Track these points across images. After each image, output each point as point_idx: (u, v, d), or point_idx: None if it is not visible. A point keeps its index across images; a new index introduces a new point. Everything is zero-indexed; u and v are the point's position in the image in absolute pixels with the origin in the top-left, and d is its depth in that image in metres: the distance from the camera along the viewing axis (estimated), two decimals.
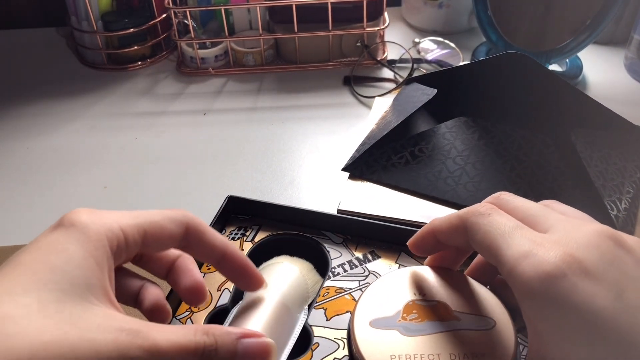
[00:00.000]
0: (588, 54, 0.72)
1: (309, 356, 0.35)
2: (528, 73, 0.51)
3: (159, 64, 0.78)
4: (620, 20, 0.76)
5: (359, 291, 0.39)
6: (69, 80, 0.75)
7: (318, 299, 0.38)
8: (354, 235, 0.43)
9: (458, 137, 0.52)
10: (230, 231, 0.45)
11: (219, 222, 0.45)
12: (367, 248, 0.42)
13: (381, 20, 0.73)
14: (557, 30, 0.66)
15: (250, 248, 0.43)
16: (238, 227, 0.45)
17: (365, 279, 0.40)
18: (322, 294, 0.39)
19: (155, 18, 0.76)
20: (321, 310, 0.38)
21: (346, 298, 0.39)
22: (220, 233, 0.41)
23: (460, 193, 0.49)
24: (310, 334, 0.36)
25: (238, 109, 0.68)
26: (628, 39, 0.71)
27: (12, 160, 0.62)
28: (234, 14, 0.75)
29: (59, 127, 0.67)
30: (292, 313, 0.36)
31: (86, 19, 0.73)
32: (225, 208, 0.45)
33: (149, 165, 0.60)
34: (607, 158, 0.50)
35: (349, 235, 0.43)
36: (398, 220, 0.47)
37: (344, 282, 0.40)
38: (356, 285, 0.39)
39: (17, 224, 0.53)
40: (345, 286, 0.39)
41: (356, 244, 0.43)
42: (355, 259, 0.42)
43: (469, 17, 0.79)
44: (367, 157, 0.53)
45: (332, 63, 0.74)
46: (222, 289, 0.39)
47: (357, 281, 0.40)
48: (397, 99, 0.59)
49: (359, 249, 0.42)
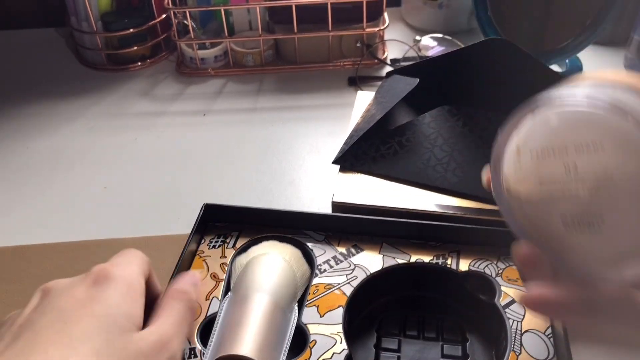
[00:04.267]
0: (588, 55, 0.72)
1: (307, 354, 0.35)
2: (509, 58, 0.51)
3: (158, 65, 0.78)
4: (620, 20, 0.75)
5: (348, 285, 0.39)
6: (69, 81, 0.75)
7: (309, 297, 0.39)
8: (335, 231, 0.44)
9: (443, 125, 0.53)
10: (210, 240, 0.44)
11: (197, 232, 0.43)
12: (349, 242, 0.43)
13: (381, 21, 0.73)
14: (556, 31, 0.66)
15: (233, 255, 0.42)
16: (217, 235, 0.44)
17: (352, 272, 0.40)
18: (312, 292, 0.39)
19: (155, 18, 0.76)
20: (313, 307, 0.38)
21: (336, 293, 0.39)
22: (200, 243, 0.44)
23: (450, 179, 0.49)
24: (306, 332, 0.36)
25: (238, 110, 0.68)
26: (628, 39, 0.71)
27: (12, 160, 0.62)
28: (233, 15, 0.75)
29: (59, 127, 0.67)
30: (285, 311, 0.36)
31: (86, 20, 0.73)
32: (203, 217, 0.44)
33: (149, 166, 0.60)
34: None
35: (330, 232, 0.44)
36: (391, 208, 0.47)
37: (332, 278, 0.40)
38: (344, 280, 0.40)
39: (17, 224, 0.53)
40: (334, 282, 0.40)
41: (338, 239, 0.43)
42: (339, 254, 0.42)
43: (469, 17, 0.79)
44: (355, 150, 0.53)
45: (332, 63, 0.74)
46: (211, 298, 0.39)
47: (344, 275, 0.40)
48: (379, 91, 0.59)
49: (341, 244, 0.43)
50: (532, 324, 0.36)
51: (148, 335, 0.27)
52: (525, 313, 0.37)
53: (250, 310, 0.35)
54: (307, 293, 0.39)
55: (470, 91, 0.53)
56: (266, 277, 0.37)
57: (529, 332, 0.36)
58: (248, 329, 0.33)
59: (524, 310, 0.37)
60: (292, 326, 0.36)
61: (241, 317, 0.34)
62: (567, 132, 0.24)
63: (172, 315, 0.29)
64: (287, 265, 0.39)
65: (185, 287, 0.31)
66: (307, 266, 0.41)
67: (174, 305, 0.30)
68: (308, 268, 0.41)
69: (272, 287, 0.36)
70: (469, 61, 0.54)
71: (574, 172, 0.24)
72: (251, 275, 0.38)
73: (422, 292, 0.42)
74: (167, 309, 0.30)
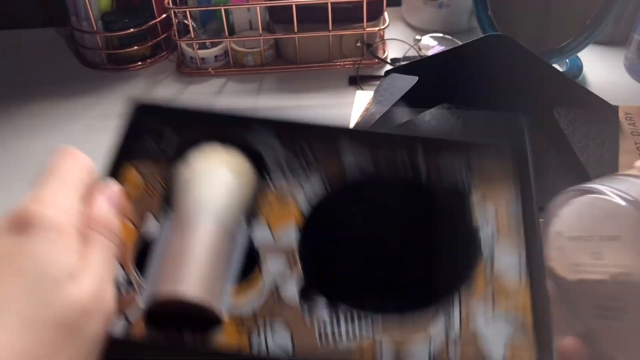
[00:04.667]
0: (588, 54, 0.71)
1: (257, 276, 0.31)
2: (509, 54, 0.52)
3: (159, 64, 0.78)
4: (620, 20, 0.75)
5: (302, 194, 0.34)
6: (69, 80, 0.75)
7: (258, 210, 0.33)
8: (284, 126, 0.37)
9: (443, 124, 0.53)
10: (144, 146, 0.36)
11: (130, 137, 0.37)
12: (304, 142, 0.36)
13: (381, 20, 0.73)
14: (557, 31, 0.66)
15: (171, 164, 0.35)
16: (152, 139, 0.37)
17: (307, 177, 0.35)
18: (261, 204, 0.33)
19: (155, 18, 0.76)
20: (264, 223, 0.33)
21: (289, 206, 0.33)
22: (132, 151, 0.36)
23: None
24: (256, 252, 0.32)
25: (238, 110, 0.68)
26: (628, 39, 0.71)
27: (12, 160, 0.62)
28: (234, 14, 0.75)
29: (59, 127, 0.66)
30: (233, 234, 0.31)
31: (86, 19, 0.73)
32: (135, 119, 0.37)
33: None
34: (587, 134, 0.51)
35: (279, 128, 0.37)
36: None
37: (284, 185, 0.34)
38: (298, 187, 0.34)
39: None
40: (286, 190, 0.34)
41: (292, 137, 0.36)
42: (293, 156, 0.36)
43: (469, 17, 0.79)
44: None
45: (333, 63, 0.74)
46: (147, 216, 0.33)
47: (297, 180, 0.35)
48: (378, 90, 0.59)
49: (296, 145, 0.36)
50: (506, 240, 0.32)
51: (85, 281, 0.24)
52: (498, 228, 0.32)
53: (196, 239, 0.29)
54: (256, 205, 0.33)
55: (471, 88, 0.53)
56: (211, 198, 0.32)
57: (501, 245, 0.32)
58: (193, 262, 0.28)
59: (496, 225, 0.33)
60: (241, 248, 0.31)
61: (185, 246, 0.29)
62: (596, 223, 0.26)
63: (101, 252, 0.26)
64: (233, 179, 0.33)
65: (106, 216, 0.27)
66: (255, 174, 0.35)
67: (99, 239, 0.26)
68: (256, 176, 0.35)
69: (219, 209, 0.31)
70: (468, 58, 0.54)
71: (600, 260, 0.26)
72: (194, 195, 0.32)
73: (386, 207, 0.37)
74: (94, 244, 0.26)
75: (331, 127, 0.36)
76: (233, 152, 0.35)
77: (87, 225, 0.26)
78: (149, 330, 0.28)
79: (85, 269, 0.24)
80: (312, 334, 0.28)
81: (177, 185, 0.33)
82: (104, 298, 0.25)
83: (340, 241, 0.36)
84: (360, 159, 0.36)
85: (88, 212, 0.27)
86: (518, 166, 0.34)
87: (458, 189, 0.34)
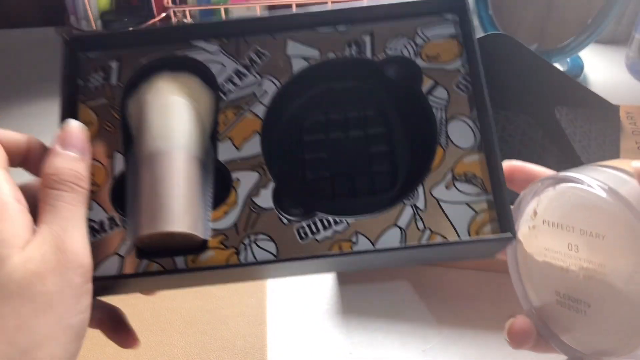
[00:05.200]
0: (589, 53, 0.71)
1: (233, 197, 0.31)
2: (510, 54, 0.51)
3: None
4: (622, 19, 0.75)
5: (259, 104, 0.33)
6: None
7: (219, 129, 0.33)
8: (230, 37, 0.35)
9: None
10: (87, 79, 0.35)
11: (74, 75, 0.35)
12: (248, 48, 0.35)
13: None
14: (558, 30, 0.66)
15: (122, 95, 0.34)
16: (94, 70, 0.35)
17: (260, 86, 0.34)
18: (221, 122, 0.33)
19: (154, 17, 0.75)
20: (227, 141, 0.33)
21: (248, 117, 0.33)
22: (74, 83, 0.34)
23: None
24: (226, 173, 0.32)
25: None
26: (629, 38, 0.70)
27: None
28: (233, 13, 0.75)
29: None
30: (202, 161, 0.31)
31: (85, 18, 0.73)
32: (73, 56, 0.35)
33: None
34: (588, 134, 0.51)
35: (224, 39, 0.35)
36: None
37: (240, 99, 0.33)
38: (253, 99, 0.33)
39: None
40: (243, 104, 0.33)
41: (235, 47, 0.35)
42: (241, 66, 0.34)
43: None
44: None
45: None
46: (113, 155, 0.32)
47: (252, 92, 0.34)
48: None
49: (240, 53, 0.34)
50: (457, 110, 0.32)
51: (35, 249, 0.24)
52: (450, 98, 0.33)
53: (172, 174, 0.30)
54: (216, 126, 0.33)
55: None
56: (172, 128, 0.31)
57: (454, 120, 0.32)
58: (172, 197, 0.29)
59: (447, 95, 0.33)
60: (212, 172, 0.32)
61: (161, 181, 0.29)
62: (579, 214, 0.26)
63: (59, 209, 0.25)
64: (189, 103, 0.32)
65: (61, 169, 0.27)
66: (210, 94, 0.34)
67: (57, 196, 0.26)
68: (211, 96, 0.34)
69: (187, 141, 0.31)
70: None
71: (574, 252, 0.26)
72: (154, 128, 0.31)
73: (341, 87, 0.36)
74: (51, 202, 0.25)
75: (268, 18, 0.35)
76: (185, 77, 0.34)
77: (44, 186, 0.26)
78: (142, 262, 0.30)
79: (36, 235, 0.25)
80: (292, 234, 0.30)
81: (132, 116, 0.33)
82: (64, 253, 0.25)
83: (304, 138, 0.36)
84: (304, 46, 0.35)
85: (43, 172, 0.27)
86: (464, 39, 0.34)
87: (406, 58, 0.34)
